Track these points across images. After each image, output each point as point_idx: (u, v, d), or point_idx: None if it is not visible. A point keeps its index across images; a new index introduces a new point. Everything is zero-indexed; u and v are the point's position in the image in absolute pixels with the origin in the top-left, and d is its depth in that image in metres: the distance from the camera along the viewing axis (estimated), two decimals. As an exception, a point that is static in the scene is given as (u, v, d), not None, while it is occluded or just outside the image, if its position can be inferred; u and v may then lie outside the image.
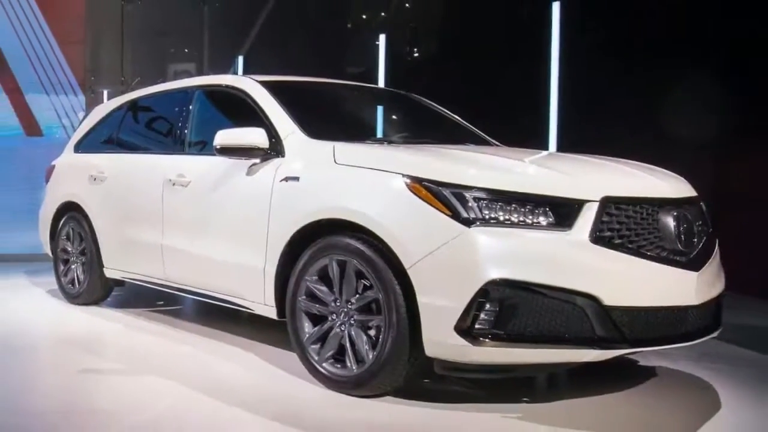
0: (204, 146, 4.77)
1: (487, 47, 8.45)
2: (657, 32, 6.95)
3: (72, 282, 5.82)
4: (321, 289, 3.69)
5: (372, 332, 3.50)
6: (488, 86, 8.21)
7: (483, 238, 3.15)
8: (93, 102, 9.06)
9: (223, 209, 4.35)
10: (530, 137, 6.62)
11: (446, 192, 3.26)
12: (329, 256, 3.62)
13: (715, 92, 6.26)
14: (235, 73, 11.23)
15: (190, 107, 4.98)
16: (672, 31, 6.82)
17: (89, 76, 9.56)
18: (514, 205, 3.22)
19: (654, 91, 6.75)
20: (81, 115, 8.38)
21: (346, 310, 3.59)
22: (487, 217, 3.20)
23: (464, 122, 5.20)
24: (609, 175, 3.62)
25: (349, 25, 11.31)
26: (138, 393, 3.62)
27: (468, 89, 8.20)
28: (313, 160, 3.90)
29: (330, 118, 4.76)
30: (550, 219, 3.22)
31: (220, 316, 5.21)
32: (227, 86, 4.81)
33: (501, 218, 3.20)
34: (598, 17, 7.39)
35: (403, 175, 3.40)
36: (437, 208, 3.25)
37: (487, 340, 3.13)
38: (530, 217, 3.21)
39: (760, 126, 6.20)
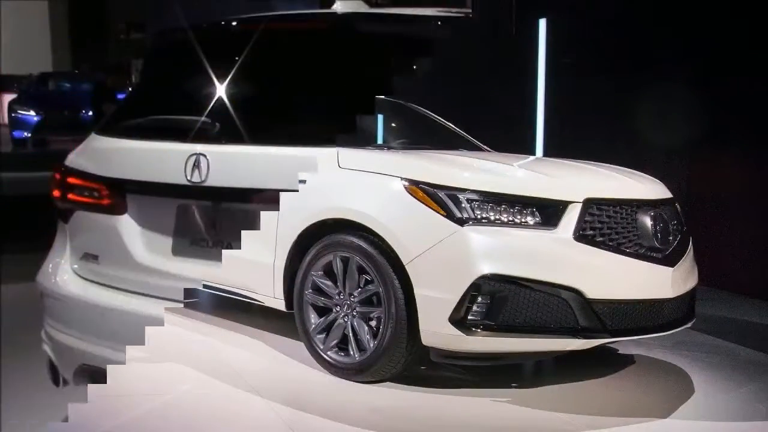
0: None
1: (480, 60, 8.43)
2: (631, 48, 6.94)
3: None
4: (326, 284, 3.66)
5: (373, 323, 3.48)
6: (481, 96, 8.19)
7: (475, 236, 3.14)
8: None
9: (236, 209, 4.32)
10: (519, 143, 6.59)
11: (441, 194, 3.24)
12: (333, 252, 3.60)
13: (684, 105, 6.25)
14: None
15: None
16: (645, 48, 6.82)
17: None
18: (503, 206, 3.20)
19: (631, 102, 6.73)
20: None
21: (349, 302, 3.57)
22: (479, 216, 3.18)
23: (458, 130, 5.17)
24: (591, 178, 3.60)
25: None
26: (157, 378, 3.60)
27: (462, 99, 8.18)
28: (319, 165, 3.87)
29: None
30: (537, 219, 3.21)
31: (233, 308, 5.19)
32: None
33: (492, 218, 3.18)
34: (581, 33, 7.37)
35: (402, 178, 3.38)
36: (433, 209, 3.24)
37: (479, 330, 3.12)
38: (519, 217, 3.20)
39: (723, 136, 6.22)
